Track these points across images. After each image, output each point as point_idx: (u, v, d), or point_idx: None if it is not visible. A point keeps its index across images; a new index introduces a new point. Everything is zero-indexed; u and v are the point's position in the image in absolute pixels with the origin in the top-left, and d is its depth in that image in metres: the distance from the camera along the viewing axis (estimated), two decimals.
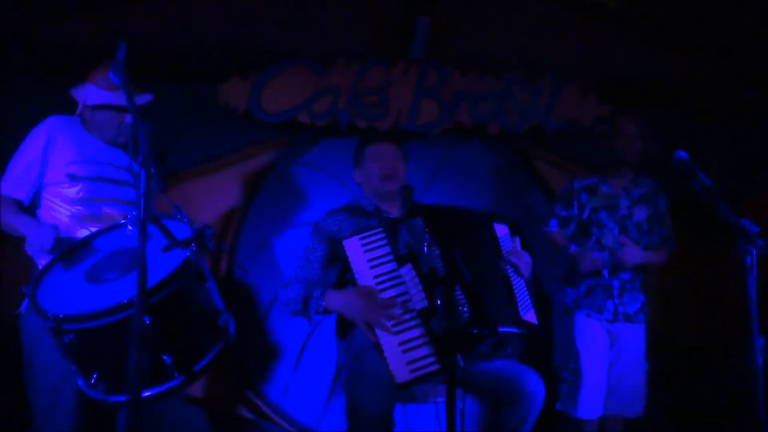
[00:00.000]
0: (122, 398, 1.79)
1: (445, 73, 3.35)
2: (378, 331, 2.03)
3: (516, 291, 2.12)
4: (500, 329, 1.96)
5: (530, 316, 2.13)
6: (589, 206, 2.83)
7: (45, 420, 2.08)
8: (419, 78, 3.33)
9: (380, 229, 2.14)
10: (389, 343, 2.00)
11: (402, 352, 1.98)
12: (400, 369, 1.96)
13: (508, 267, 2.15)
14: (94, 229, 2.13)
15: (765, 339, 2.19)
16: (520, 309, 2.09)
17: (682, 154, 2.03)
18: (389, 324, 2.01)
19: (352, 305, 2.12)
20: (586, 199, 2.86)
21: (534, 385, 2.13)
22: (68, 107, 2.25)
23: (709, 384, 3.32)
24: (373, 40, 3.22)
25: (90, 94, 2.20)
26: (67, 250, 2.06)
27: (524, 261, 2.19)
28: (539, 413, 2.15)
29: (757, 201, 2.98)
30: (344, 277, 2.33)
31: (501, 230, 2.23)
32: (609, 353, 2.80)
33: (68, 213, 2.17)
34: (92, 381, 1.80)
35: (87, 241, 2.07)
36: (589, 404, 2.73)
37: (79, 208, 2.18)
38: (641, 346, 2.83)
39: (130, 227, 2.00)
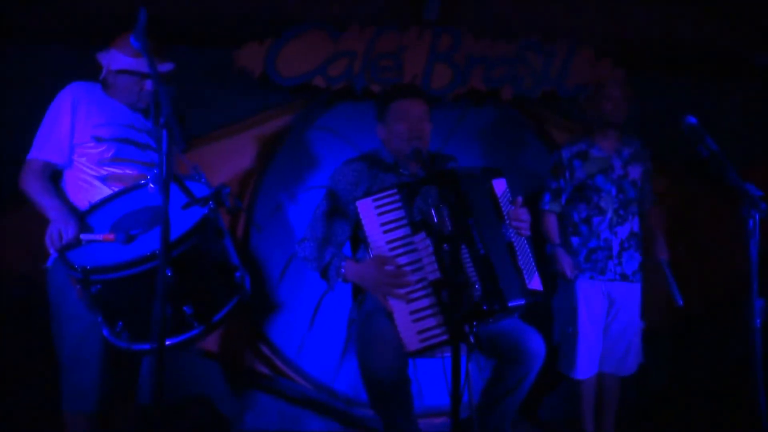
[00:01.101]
0: (146, 346, 1.91)
1: (458, 37, 3.34)
2: (390, 300, 2.04)
3: (519, 256, 2.10)
4: (510, 304, 1.96)
5: (535, 283, 2.12)
6: (585, 172, 2.86)
7: (72, 369, 2.18)
8: (432, 42, 3.33)
9: (395, 190, 2.08)
10: (401, 311, 2.02)
11: (413, 321, 2.00)
12: (410, 337, 1.99)
13: (511, 230, 2.13)
14: (117, 189, 2.22)
15: (765, 301, 2.23)
16: (525, 276, 2.08)
17: (692, 119, 2.05)
18: (402, 292, 2.02)
19: (366, 278, 2.12)
20: (579, 165, 2.90)
21: (536, 344, 2.16)
22: (89, 74, 2.31)
23: (710, 345, 3.39)
24: (386, 4, 3.20)
25: (113, 59, 2.26)
26: (92, 208, 2.15)
27: (525, 221, 2.15)
28: (539, 372, 2.20)
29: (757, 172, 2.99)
30: (358, 234, 2.32)
31: (500, 187, 2.19)
32: (606, 315, 2.90)
33: (93, 173, 2.25)
34: (117, 330, 1.91)
35: (111, 198, 2.17)
36: (585, 365, 2.86)
37: (104, 168, 2.25)
38: (637, 306, 2.92)
39: (152, 185, 2.08)
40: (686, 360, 3.45)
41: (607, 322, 2.90)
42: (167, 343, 1.84)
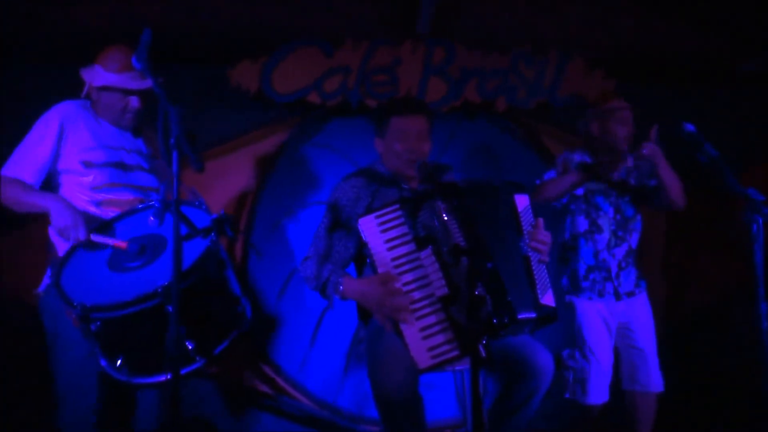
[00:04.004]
0: (146, 380, 1.87)
1: (451, 50, 3.35)
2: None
3: (534, 270, 2.06)
4: (519, 316, 1.92)
5: (548, 298, 2.08)
6: (585, 188, 2.77)
7: (70, 396, 2.11)
8: (426, 55, 3.33)
9: (397, 206, 2.02)
10: (410, 329, 1.97)
11: (422, 338, 1.95)
12: (421, 355, 1.94)
13: (528, 247, 2.07)
14: (113, 214, 2.16)
15: None
16: (538, 290, 2.03)
17: (690, 126, 2.05)
18: (407, 315, 1.97)
19: (368, 296, 2.06)
20: None
21: (544, 360, 2.11)
22: (76, 92, 2.27)
23: (716, 349, 3.38)
24: (379, 19, 3.20)
25: (96, 75, 2.21)
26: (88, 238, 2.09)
27: (546, 243, 2.10)
28: (548, 388, 2.14)
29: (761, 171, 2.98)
30: (362, 252, 2.27)
31: (522, 202, 2.13)
32: (611, 337, 2.74)
33: (86, 198, 2.19)
34: (117, 364, 1.86)
35: (107, 225, 2.11)
36: (599, 390, 2.70)
37: (98, 194, 2.20)
38: (650, 317, 2.78)
39: (151, 218, 1.99)
40: (694, 366, 3.42)
41: (628, 341, 2.77)
42: (167, 377, 1.78)
